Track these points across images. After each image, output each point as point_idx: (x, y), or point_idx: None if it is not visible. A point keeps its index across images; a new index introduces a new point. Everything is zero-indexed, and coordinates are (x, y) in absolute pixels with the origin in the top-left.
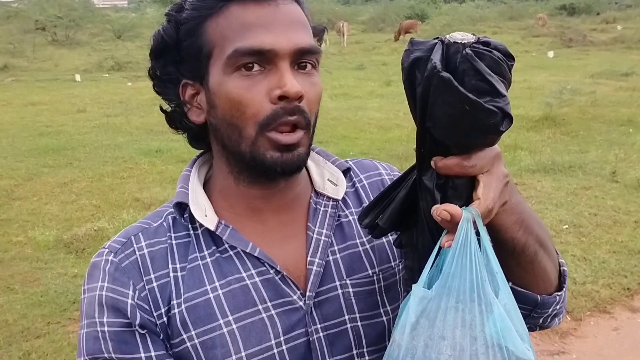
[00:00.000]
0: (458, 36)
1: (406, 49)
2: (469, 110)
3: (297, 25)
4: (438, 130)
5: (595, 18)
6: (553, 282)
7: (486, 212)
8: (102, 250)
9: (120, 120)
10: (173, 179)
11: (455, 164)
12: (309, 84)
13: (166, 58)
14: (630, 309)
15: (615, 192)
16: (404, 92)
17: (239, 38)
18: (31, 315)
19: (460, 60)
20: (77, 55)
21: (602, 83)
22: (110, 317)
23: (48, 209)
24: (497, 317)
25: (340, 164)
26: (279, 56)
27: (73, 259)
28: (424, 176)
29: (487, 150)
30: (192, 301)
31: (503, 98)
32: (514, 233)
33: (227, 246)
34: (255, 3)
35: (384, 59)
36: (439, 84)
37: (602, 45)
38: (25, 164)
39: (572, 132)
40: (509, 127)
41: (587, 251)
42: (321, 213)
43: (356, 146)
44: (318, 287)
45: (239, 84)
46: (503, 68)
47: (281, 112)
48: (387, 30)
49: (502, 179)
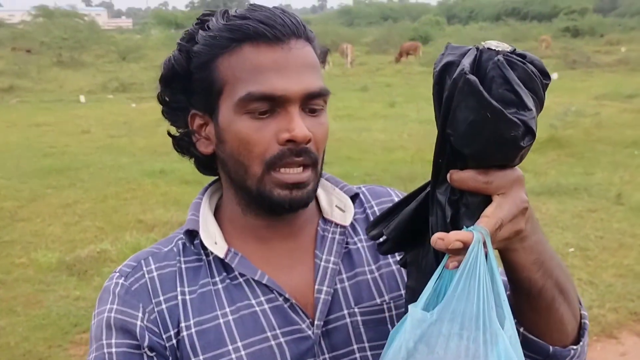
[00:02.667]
0: (493, 43)
1: (441, 53)
2: (491, 118)
3: (308, 68)
4: (457, 138)
5: (599, 40)
6: (570, 334)
7: (492, 230)
8: (113, 274)
9: (124, 141)
10: (177, 200)
11: (470, 178)
12: (316, 125)
13: (176, 86)
14: (637, 334)
15: (621, 215)
16: (432, 97)
17: (252, 81)
18: (33, 338)
19: (490, 67)
20: (81, 76)
21: (607, 105)
22: (118, 339)
23: (51, 231)
24: (501, 350)
25: (349, 189)
26: (290, 101)
27: (75, 281)
28: (437, 189)
29: (507, 171)
30: (202, 325)
31: (529, 112)
32: (531, 273)
33: (237, 273)
34: (268, 46)
35: (388, 80)
36: (464, 87)
37: (606, 67)
38: (29, 185)
39: (577, 154)
40: (531, 143)
41: (593, 275)
42: (329, 240)
43: (360, 167)
44: (326, 315)
45: (248, 124)
46: (535, 84)
47: (288, 153)
48: (391, 52)
49: (518, 205)
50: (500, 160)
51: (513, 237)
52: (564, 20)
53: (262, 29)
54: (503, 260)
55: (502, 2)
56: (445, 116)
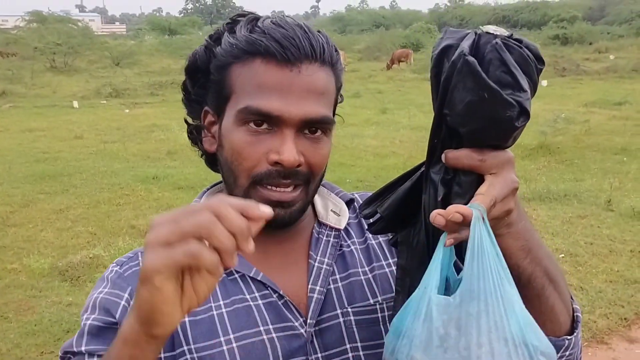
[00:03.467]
0: (491, 28)
1: (439, 37)
2: (488, 98)
3: (314, 95)
4: (454, 117)
5: (588, 48)
6: (563, 325)
7: (489, 207)
8: (112, 264)
9: (117, 146)
10: (169, 206)
11: (465, 155)
12: (313, 150)
13: (197, 79)
14: (627, 340)
15: (611, 221)
16: (429, 80)
17: (253, 96)
18: (25, 344)
19: (488, 50)
20: (75, 81)
21: (596, 112)
22: (98, 315)
23: (43, 236)
24: (519, 314)
25: (344, 195)
26: (286, 123)
27: (68, 287)
28: (432, 169)
29: (500, 152)
30: (196, 316)
31: (524, 93)
32: (519, 260)
33: (233, 269)
34: (278, 65)
35: (380, 87)
36: (462, 68)
37: (595, 75)
38: (21, 190)
39: (566, 160)
40: (524, 124)
41: (583, 280)
42: (323, 242)
43: (353, 173)
44: (319, 315)
45: (244, 137)
46: (531, 68)
47: (275, 174)
48: (382, 59)
49: (509, 184)
50: (495, 139)
51: (503, 216)
52: (554, 28)
53: (273, 48)
54: None
55: (493, 10)
56: (442, 97)
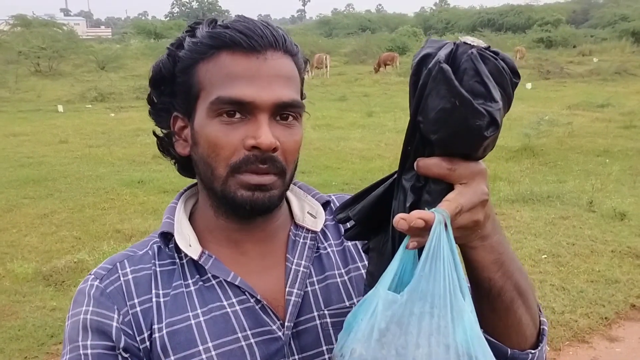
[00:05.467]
0: (469, 39)
1: (421, 46)
2: (459, 106)
3: (282, 79)
4: (426, 124)
5: (572, 51)
6: (528, 338)
7: (453, 214)
8: (88, 276)
9: (102, 151)
10: (155, 210)
11: (435, 164)
12: (286, 135)
13: (162, 89)
14: (608, 339)
15: (593, 222)
16: (408, 87)
17: (223, 87)
18: (8, 349)
19: (464, 59)
20: (60, 86)
21: (579, 114)
22: (94, 340)
23: (27, 241)
24: (467, 325)
25: (320, 197)
26: (259, 108)
27: (52, 292)
28: (404, 176)
29: (472, 163)
30: (173, 326)
31: (495, 104)
32: (491, 273)
33: (210, 275)
34: (244, 54)
35: (366, 90)
36: (437, 75)
37: (579, 77)
38: (5, 195)
39: (550, 162)
40: (494, 134)
41: (565, 280)
42: (300, 245)
43: (338, 176)
44: (296, 317)
45: (218, 128)
46: (505, 80)
47: (252, 159)
48: (368, 62)
49: (479, 195)
50: (464, 148)
51: (471, 226)
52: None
53: (239, 38)
54: (464, 259)
55: (478, 13)
56: (417, 104)
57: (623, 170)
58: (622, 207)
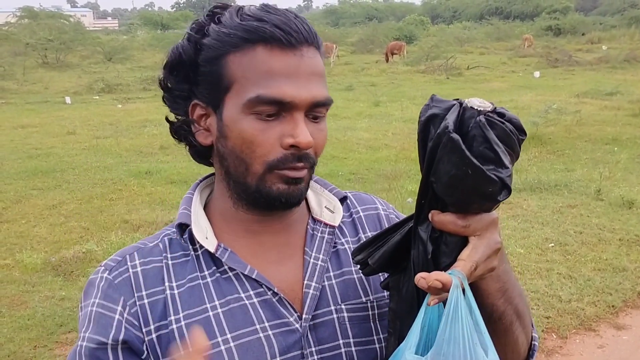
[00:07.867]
0: (476, 102)
1: (426, 104)
2: (471, 174)
3: (317, 77)
4: (440, 187)
5: (580, 38)
6: (522, 355)
7: (469, 273)
8: (99, 268)
9: (110, 142)
10: (162, 200)
11: (450, 222)
12: (317, 131)
13: (180, 75)
14: (615, 327)
15: (600, 210)
16: (417, 143)
17: (262, 84)
18: (18, 339)
19: (472, 126)
20: (67, 77)
21: (587, 102)
22: (92, 333)
23: (36, 232)
24: None
25: (338, 192)
26: (296, 107)
27: (61, 282)
28: (420, 226)
29: (484, 215)
30: (191, 318)
31: (506, 169)
32: (495, 300)
33: (227, 267)
34: (282, 50)
35: (373, 79)
36: (447, 143)
37: (587, 65)
38: (14, 186)
39: (557, 151)
40: (507, 198)
41: (572, 269)
42: (318, 239)
43: (345, 166)
44: (314, 310)
45: (254, 125)
46: (513, 141)
47: (290, 158)
48: (375, 51)
49: (492, 246)
50: (477, 210)
51: (486, 274)
52: (546, 19)
53: (278, 33)
54: (471, 286)
55: (486, 1)
56: (429, 165)
57: (631, 158)
58: (630, 195)
